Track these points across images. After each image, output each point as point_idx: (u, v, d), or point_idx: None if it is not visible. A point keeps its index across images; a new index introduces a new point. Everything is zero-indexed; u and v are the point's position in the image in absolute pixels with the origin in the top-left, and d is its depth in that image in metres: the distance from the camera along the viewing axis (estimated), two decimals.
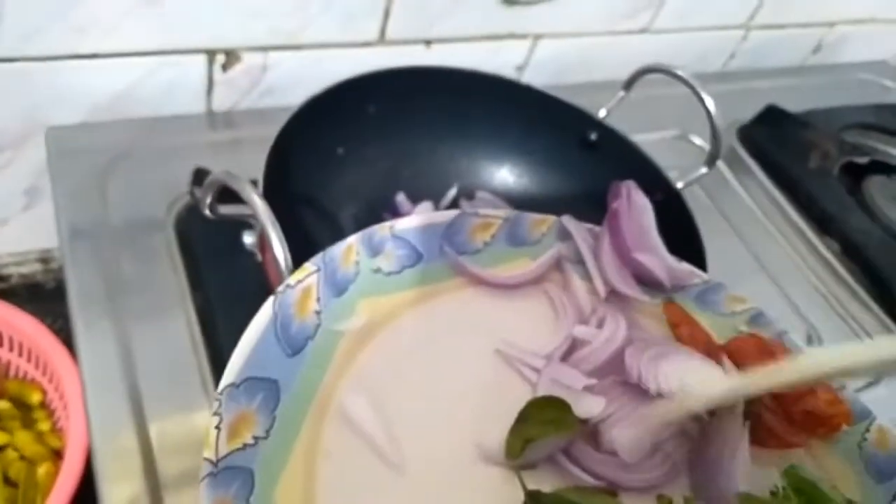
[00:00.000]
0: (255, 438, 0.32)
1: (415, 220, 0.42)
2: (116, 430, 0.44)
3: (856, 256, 0.72)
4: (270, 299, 0.35)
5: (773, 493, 0.35)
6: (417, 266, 0.42)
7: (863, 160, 0.81)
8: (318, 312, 0.37)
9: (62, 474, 0.50)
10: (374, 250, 0.40)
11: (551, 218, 0.46)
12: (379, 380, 0.37)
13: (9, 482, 0.56)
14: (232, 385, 0.32)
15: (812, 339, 0.65)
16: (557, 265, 0.45)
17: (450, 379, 0.39)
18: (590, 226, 0.46)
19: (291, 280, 0.36)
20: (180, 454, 0.44)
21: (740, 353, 0.43)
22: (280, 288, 0.35)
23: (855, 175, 0.81)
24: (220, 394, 0.32)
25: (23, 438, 0.58)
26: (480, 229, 0.44)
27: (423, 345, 0.40)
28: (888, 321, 0.68)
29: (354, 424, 0.35)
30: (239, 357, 0.33)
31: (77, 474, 0.51)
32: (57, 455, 0.58)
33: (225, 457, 0.31)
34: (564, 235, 0.45)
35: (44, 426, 0.60)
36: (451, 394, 0.38)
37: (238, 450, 0.31)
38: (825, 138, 0.82)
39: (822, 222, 0.75)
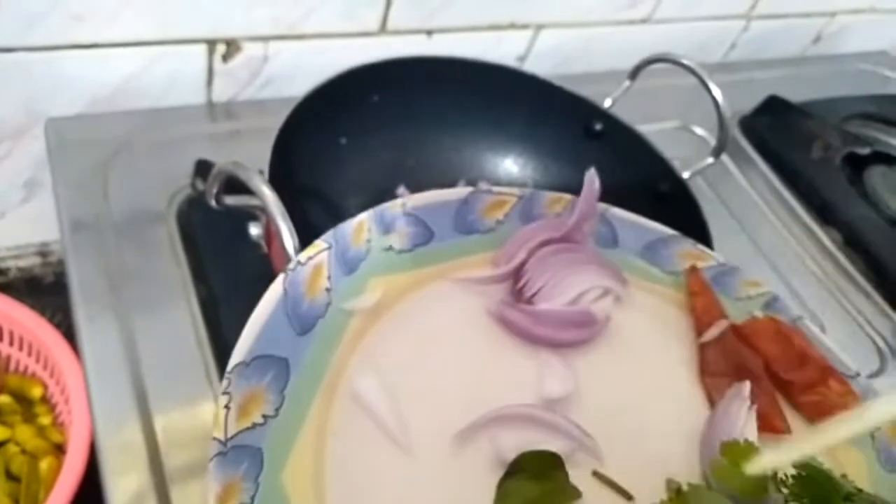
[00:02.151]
0: (265, 417, 0.32)
1: (427, 197, 0.42)
2: (121, 424, 0.44)
3: (857, 246, 0.72)
4: (280, 277, 0.34)
5: (781, 482, 0.35)
6: (429, 244, 0.41)
7: (864, 150, 0.81)
8: (328, 290, 0.36)
9: (65, 468, 0.50)
10: (386, 228, 0.40)
11: (567, 196, 0.45)
12: (388, 359, 0.37)
13: (11, 477, 0.56)
14: (242, 363, 0.32)
15: None
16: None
17: (459, 359, 0.39)
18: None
19: (302, 257, 0.36)
20: (186, 446, 0.44)
21: (757, 335, 0.43)
22: (290, 265, 0.35)
23: (856, 165, 0.80)
24: (230, 372, 0.31)
25: (24, 433, 0.57)
26: (494, 207, 0.44)
27: (434, 325, 0.39)
28: (889, 310, 0.68)
29: (363, 404, 0.35)
30: (249, 335, 0.33)
31: (80, 468, 0.50)
32: (59, 449, 0.58)
33: (234, 436, 0.30)
34: None
35: (45, 420, 0.59)
36: (460, 374, 0.38)
37: (247, 429, 0.31)
38: (827, 129, 0.81)
39: (824, 212, 0.75)
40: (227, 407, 0.31)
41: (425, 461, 0.34)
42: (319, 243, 0.36)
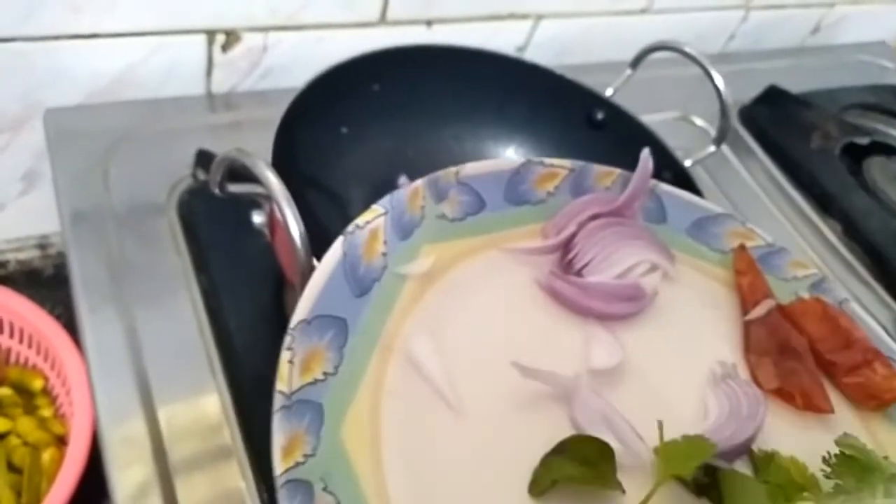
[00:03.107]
0: (325, 374, 0.33)
1: (480, 166, 0.42)
2: (124, 416, 0.44)
3: (857, 236, 0.72)
4: (340, 239, 0.35)
5: (824, 460, 0.35)
6: (481, 213, 0.42)
7: (863, 141, 0.81)
8: (384, 255, 0.37)
9: (67, 460, 0.50)
10: (440, 196, 0.41)
11: (616, 171, 0.46)
12: (441, 324, 0.38)
13: (13, 468, 0.56)
14: (304, 321, 0.33)
15: None
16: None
17: (508, 327, 0.40)
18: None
19: (360, 221, 0.37)
20: (190, 437, 0.44)
21: (804, 316, 0.43)
22: (349, 228, 0.36)
23: (856, 156, 0.81)
24: (293, 329, 0.32)
25: (25, 425, 0.57)
26: (545, 179, 0.44)
27: (485, 293, 0.40)
28: (889, 300, 0.68)
29: (417, 366, 0.36)
30: (310, 295, 0.33)
31: (82, 460, 0.50)
32: (60, 441, 0.58)
33: (297, 390, 0.31)
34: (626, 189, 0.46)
35: (46, 412, 0.59)
36: (510, 341, 0.39)
37: (309, 384, 0.32)
38: (826, 119, 0.81)
39: (824, 203, 0.75)
40: (290, 362, 0.31)
41: (475, 424, 0.35)
42: (376, 208, 0.38)
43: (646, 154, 0.45)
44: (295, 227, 0.35)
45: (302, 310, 0.33)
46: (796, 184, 0.76)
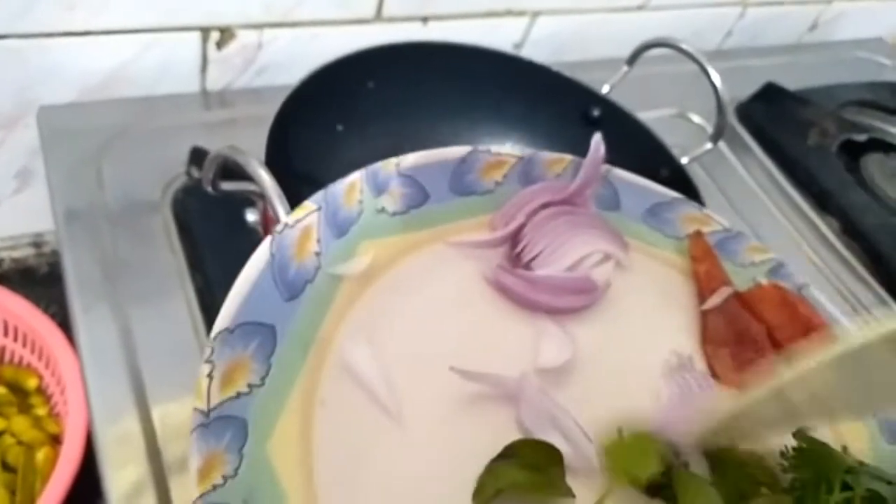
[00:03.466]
0: (250, 386, 0.31)
1: (423, 156, 0.40)
2: (118, 415, 0.44)
3: (855, 234, 0.72)
4: (267, 240, 0.33)
5: (781, 454, 0.35)
6: (424, 206, 0.40)
7: (861, 138, 0.81)
8: (317, 254, 0.35)
9: (61, 459, 0.50)
10: (379, 188, 0.38)
11: (567, 157, 0.44)
12: (380, 327, 0.36)
13: (7, 468, 0.56)
14: (226, 330, 0.30)
15: None
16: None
17: (453, 326, 0.38)
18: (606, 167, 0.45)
19: (290, 219, 0.34)
20: (184, 436, 0.42)
21: (761, 302, 0.43)
22: (278, 227, 0.33)
23: (853, 153, 0.80)
24: (214, 340, 0.30)
25: (20, 424, 0.57)
26: (493, 168, 0.42)
27: (428, 291, 0.38)
28: (887, 297, 0.68)
29: (354, 373, 0.34)
30: (233, 301, 0.31)
31: (76, 459, 0.50)
32: (55, 440, 0.58)
33: (217, 406, 0.29)
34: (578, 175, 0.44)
35: (41, 411, 0.59)
36: (455, 342, 0.37)
37: (231, 398, 0.30)
38: (824, 116, 0.81)
39: (822, 200, 0.74)
40: (209, 376, 0.29)
41: (416, 432, 0.33)
42: (308, 204, 0.35)
43: (597, 139, 0.44)
44: None
45: (224, 318, 0.31)
46: (794, 181, 0.76)
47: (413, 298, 0.37)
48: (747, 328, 0.42)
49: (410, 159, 0.39)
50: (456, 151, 0.41)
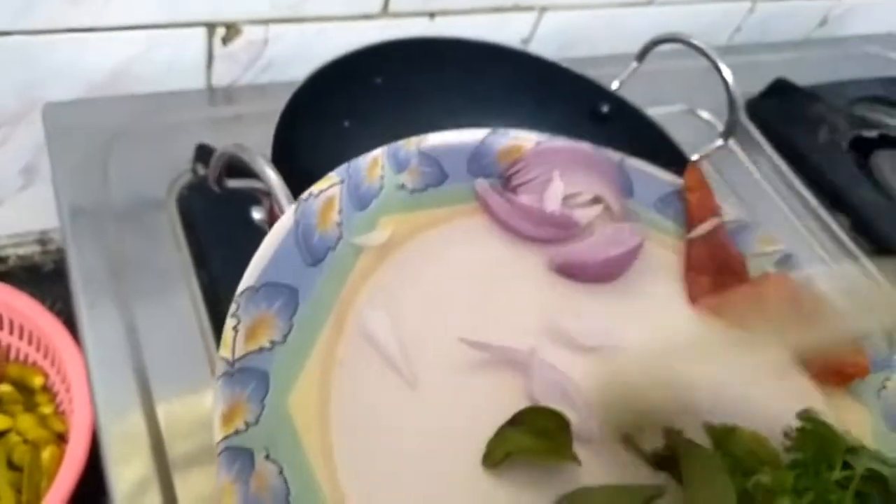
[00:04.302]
0: (272, 343, 0.32)
1: (442, 136, 0.41)
2: (123, 412, 0.44)
3: (865, 231, 0.71)
4: (292, 206, 0.34)
5: (785, 434, 0.36)
6: (442, 186, 0.41)
7: (872, 134, 0.80)
8: (339, 224, 0.36)
9: (67, 457, 0.50)
10: (400, 166, 0.40)
11: (584, 145, 0.46)
12: (396, 297, 0.37)
13: (13, 466, 0.55)
14: (251, 288, 0.32)
15: None
16: None
17: (467, 298, 0.39)
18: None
19: (314, 189, 0.35)
20: (189, 434, 0.43)
21: (770, 290, 0.43)
22: (303, 195, 0.35)
23: (864, 149, 0.80)
24: (239, 296, 0.31)
25: (25, 422, 0.57)
26: (510, 152, 0.43)
27: (442, 266, 0.39)
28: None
29: (371, 337, 0.35)
30: (259, 262, 0.32)
31: (82, 457, 0.50)
32: (60, 438, 0.57)
33: (241, 357, 0.31)
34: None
35: (46, 409, 0.59)
36: (468, 312, 0.38)
37: (254, 352, 0.31)
38: (834, 112, 0.81)
39: (832, 196, 0.74)
40: (235, 329, 0.31)
41: (429, 396, 0.35)
42: (332, 176, 0.36)
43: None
44: None
45: (249, 277, 0.32)
46: (804, 178, 0.76)
47: (430, 270, 0.39)
48: (728, 259, 0.43)
49: (431, 139, 0.41)
50: (475, 134, 0.42)
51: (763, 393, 0.39)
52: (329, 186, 0.36)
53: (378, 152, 0.38)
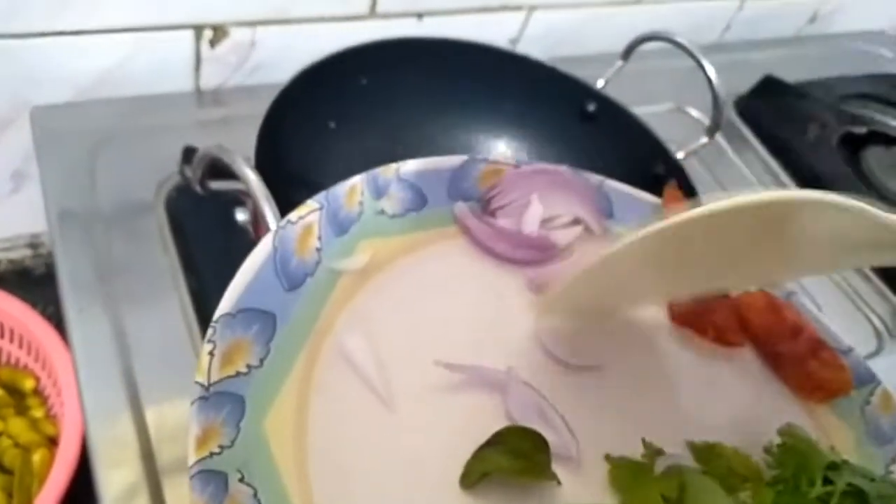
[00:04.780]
0: (249, 367, 0.32)
1: (421, 163, 0.41)
2: (112, 416, 0.43)
3: None
4: (270, 233, 0.34)
5: (766, 450, 0.36)
6: (422, 210, 0.41)
7: (861, 131, 0.81)
8: (318, 250, 0.37)
9: (58, 461, 0.50)
10: (379, 192, 0.40)
11: (562, 168, 0.45)
12: (375, 320, 0.37)
13: (4, 470, 0.56)
14: (228, 315, 0.32)
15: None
16: None
17: (446, 322, 0.39)
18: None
19: (293, 216, 0.36)
20: (177, 438, 0.43)
21: (749, 308, 0.43)
22: (281, 223, 0.35)
23: (853, 146, 0.80)
24: (216, 322, 0.31)
25: (17, 426, 0.57)
26: (489, 175, 0.43)
27: (422, 289, 0.39)
28: (887, 291, 0.68)
29: (348, 359, 0.35)
30: (236, 288, 0.33)
31: (73, 461, 0.50)
32: (52, 442, 0.58)
33: (217, 382, 0.31)
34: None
35: (37, 413, 0.59)
36: (447, 336, 0.38)
37: (231, 377, 0.31)
38: (823, 109, 0.81)
39: None
40: (210, 354, 0.31)
41: (407, 418, 0.35)
42: (311, 203, 0.37)
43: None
44: (273, 223, 0.34)
45: (226, 303, 0.32)
46: (793, 175, 0.76)
47: (409, 293, 0.39)
48: None
49: (410, 165, 0.41)
50: (453, 160, 0.43)
51: (746, 410, 0.40)
52: (308, 213, 0.36)
53: (357, 179, 0.39)
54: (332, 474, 0.32)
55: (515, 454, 0.33)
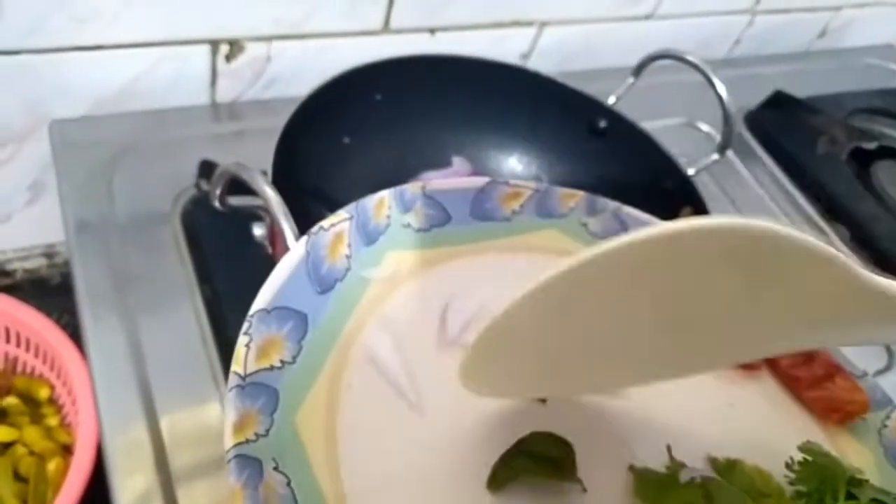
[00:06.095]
0: (282, 362, 0.33)
1: (446, 182, 0.43)
2: (127, 424, 0.44)
3: (865, 242, 0.72)
4: (303, 238, 0.36)
5: (787, 466, 0.36)
6: (446, 226, 0.43)
7: (871, 145, 0.81)
8: (348, 257, 0.38)
9: (72, 469, 0.50)
10: (406, 206, 0.41)
11: (580, 193, 0.47)
12: (402, 326, 0.38)
13: (19, 478, 0.56)
14: (263, 310, 0.33)
15: None
16: None
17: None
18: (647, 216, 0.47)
19: (325, 223, 0.37)
20: (192, 447, 0.44)
21: None
22: (314, 229, 0.36)
23: (863, 160, 0.80)
24: (251, 316, 0.33)
25: (32, 434, 0.57)
26: (510, 198, 0.45)
27: (448, 296, 0.41)
28: None
29: (377, 362, 0.36)
30: (271, 287, 0.34)
31: (87, 469, 0.50)
32: (66, 450, 0.58)
33: (252, 373, 0.32)
34: (591, 210, 0.46)
35: (52, 421, 0.59)
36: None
37: (265, 369, 0.32)
38: (833, 124, 0.81)
39: (831, 208, 0.74)
40: (247, 346, 0.32)
41: (435, 421, 0.35)
42: (341, 213, 0.38)
43: None
44: (292, 241, 0.35)
45: (261, 300, 0.33)
46: (803, 189, 0.76)
47: (435, 302, 0.40)
48: None
49: (435, 184, 0.43)
50: (476, 181, 0.44)
51: (765, 431, 0.40)
52: (339, 221, 0.38)
53: (384, 193, 0.40)
54: (361, 471, 0.33)
55: (542, 459, 0.34)
